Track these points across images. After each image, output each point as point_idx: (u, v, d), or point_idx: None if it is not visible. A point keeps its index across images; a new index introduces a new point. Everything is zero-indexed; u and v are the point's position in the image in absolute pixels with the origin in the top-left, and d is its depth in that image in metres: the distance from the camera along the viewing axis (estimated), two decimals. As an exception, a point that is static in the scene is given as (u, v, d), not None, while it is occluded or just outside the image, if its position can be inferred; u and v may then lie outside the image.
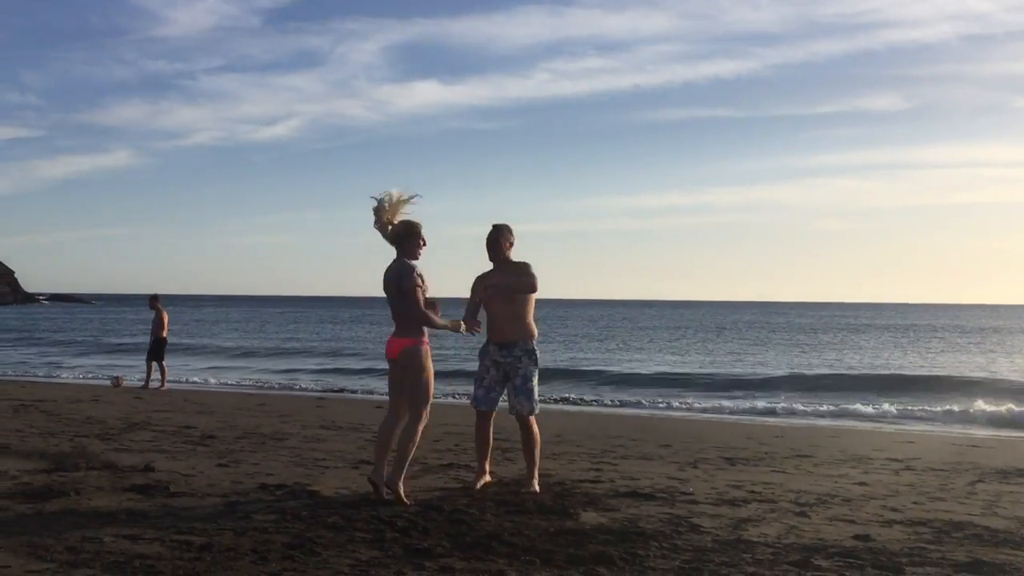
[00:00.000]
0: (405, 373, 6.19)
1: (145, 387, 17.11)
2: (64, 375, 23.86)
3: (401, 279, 6.17)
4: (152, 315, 17.62)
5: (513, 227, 6.89)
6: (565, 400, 18.43)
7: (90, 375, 23.61)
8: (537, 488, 6.60)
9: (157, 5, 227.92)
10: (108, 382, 18.94)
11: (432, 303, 6.27)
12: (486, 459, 6.90)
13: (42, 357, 31.14)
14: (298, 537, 5.04)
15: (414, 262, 6.26)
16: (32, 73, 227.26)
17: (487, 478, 6.86)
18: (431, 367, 6.25)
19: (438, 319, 6.25)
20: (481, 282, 6.82)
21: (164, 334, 17.39)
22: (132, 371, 21.59)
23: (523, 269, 6.74)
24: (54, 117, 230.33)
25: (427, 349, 6.24)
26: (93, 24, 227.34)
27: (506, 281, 6.71)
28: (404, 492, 6.07)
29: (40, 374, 24.11)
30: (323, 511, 5.75)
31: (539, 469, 6.85)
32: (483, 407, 6.77)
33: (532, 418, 6.75)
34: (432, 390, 6.26)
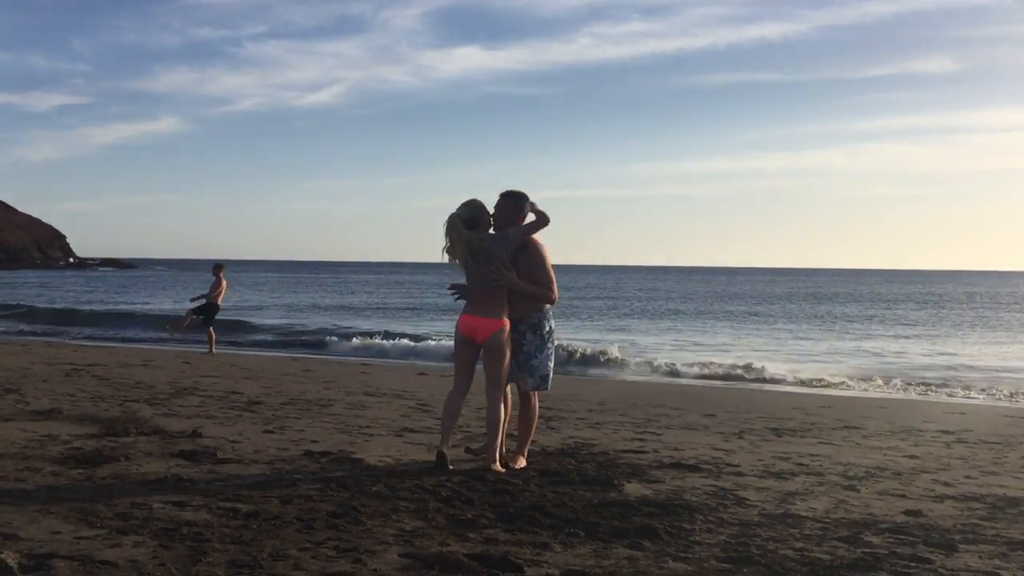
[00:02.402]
0: (491, 355, 6.13)
1: (209, 352, 17.42)
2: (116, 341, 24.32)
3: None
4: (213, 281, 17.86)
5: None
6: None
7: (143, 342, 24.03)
8: (524, 463, 6.29)
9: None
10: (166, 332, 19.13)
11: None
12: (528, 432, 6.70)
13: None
14: (342, 506, 5.06)
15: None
16: (81, 40, 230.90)
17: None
18: None
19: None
20: None
21: (219, 301, 17.66)
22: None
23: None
24: (103, 84, 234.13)
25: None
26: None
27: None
28: (501, 458, 6.21)
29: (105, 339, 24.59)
30: (367, 480, 5.78)
31: (530, 446, 6.53)
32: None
33: (534, 393, 6.40)
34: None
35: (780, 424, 9.38)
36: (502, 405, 6.21)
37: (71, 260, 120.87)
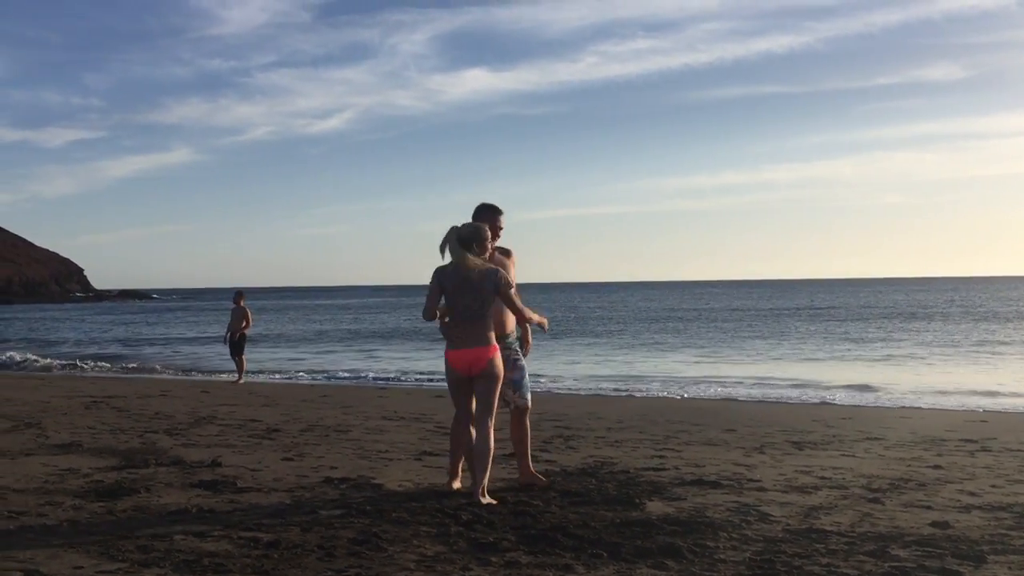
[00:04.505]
0: (488, 383, 5.93)
1: (239, 380, 17.57)
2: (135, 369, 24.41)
3: (498, 280, 5.80)
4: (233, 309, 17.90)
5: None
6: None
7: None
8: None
9: (211, 4, 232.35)
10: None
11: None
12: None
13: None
14: (363, 532, 5.04)
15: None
16: (94, 75, 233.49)
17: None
18: None
19: (532, 314, 6.09)
20: None
21: (246, 330, 17.71)
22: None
23: None
24: (116, 118, 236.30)
25: None
26: (150, 25, 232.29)
27: None
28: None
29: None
30: (387, 505, 5.75)
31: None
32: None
33: (525, 409, 6.35)
34: None
35: (801, 437, 9.30)
36: (492, 435, 5.97)
37: (88, 293, 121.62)
